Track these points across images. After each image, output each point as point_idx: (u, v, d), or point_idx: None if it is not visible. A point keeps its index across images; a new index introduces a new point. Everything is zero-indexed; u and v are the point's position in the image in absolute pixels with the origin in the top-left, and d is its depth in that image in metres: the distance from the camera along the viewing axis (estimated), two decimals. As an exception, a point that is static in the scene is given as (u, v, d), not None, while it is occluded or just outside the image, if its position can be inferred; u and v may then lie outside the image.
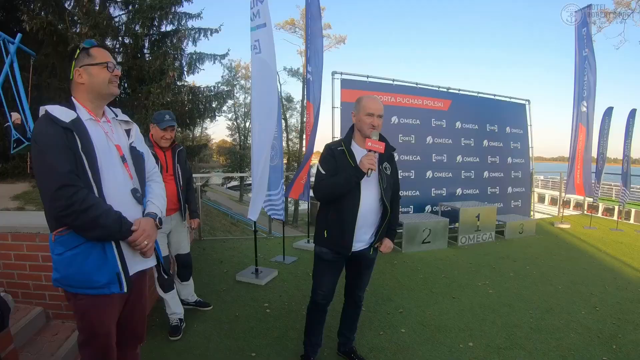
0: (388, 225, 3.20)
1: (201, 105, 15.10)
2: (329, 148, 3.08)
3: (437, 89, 9.15)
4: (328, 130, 7.74)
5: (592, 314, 4.88)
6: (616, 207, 20.93)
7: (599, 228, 10.47)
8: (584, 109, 10.23)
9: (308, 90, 7.10)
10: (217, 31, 14.80)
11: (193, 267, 4.43)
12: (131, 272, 2.13)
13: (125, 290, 2.08)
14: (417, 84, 8.85)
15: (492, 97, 10.15)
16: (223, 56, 15.43)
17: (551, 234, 9.55)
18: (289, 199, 6.12)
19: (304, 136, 7.12)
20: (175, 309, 3.97)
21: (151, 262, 2.32)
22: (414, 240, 7.38)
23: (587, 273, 6.47)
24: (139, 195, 2.21)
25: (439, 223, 7.69)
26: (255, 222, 5.64)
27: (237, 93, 43.08)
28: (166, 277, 3.62)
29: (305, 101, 7.23)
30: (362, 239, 3.12)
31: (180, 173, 4.01)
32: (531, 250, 7.80)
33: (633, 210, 19.91)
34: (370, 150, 2.87)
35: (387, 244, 3.23)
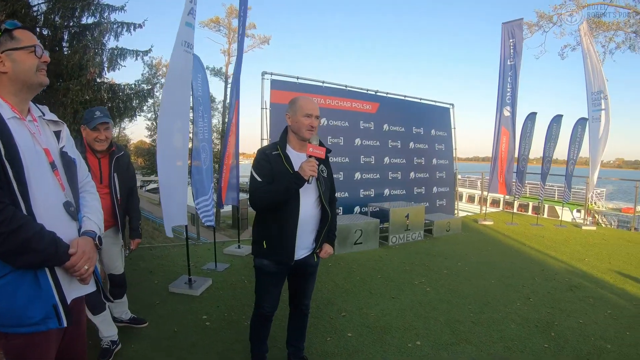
0: (328, 229, 3.11)
1: (121, 104, 14.25)
2: (263, 153, 2.91)
3: (365, 91, 9.27)
4: (252, 132, 7.52)
5: (526, 304, 5.12)
6: (530, 204, 22.49)
7: (520, 224, 11.11)
8: (507, 113, 10.87)
9: (236, 89, 6.86)
10: (140, 26, 14.08)
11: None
12: (69, 300, 1.80)
13: (65, 324, 1.75)
14: (346, 86, 8.91)
15: (418, 100, 10.48)
16: (146, 52, 14.75)
17: (476, 230, 9.98)
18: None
19: (228, 137, 6.85)
20: (106, 332, 3.52)
21: (90, 288, 1.97)
22: (347, 241, 7.38)
23: (515, 266, 6.80)
24: (73, 210, 1.86)
25: (369, 224, 7.74)
26: (186, 228, 5.40)
27: (157, 92, 41.62)
28: (106, 302, 3.26)
29: (231, 100, 6.89)
30: (304, 246, 3.00)
31: (117, 184, 3.50)
32: (460, 247, 8.08)
33: (546, 206, 21.35)
34: (310, 156, 2.77)
35: (327, 250, 3.16)
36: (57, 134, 1.96)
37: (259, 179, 2.82)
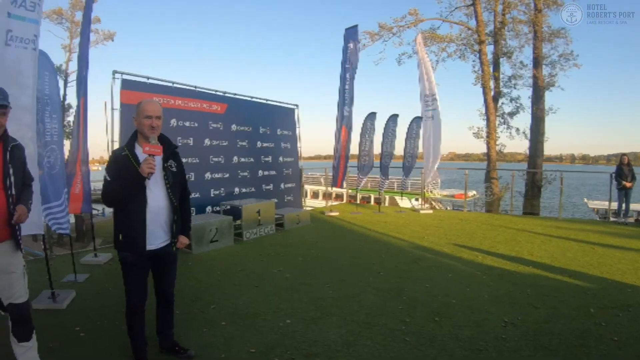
0: (181, 221, 3.42)
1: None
2: (113, 155, 3.21)
3: (214, 92, 9.38)
4: (92, 135, 6.99)
5: (378, 278, 5.86)
6: (372, 196, 24.30)
7: (364, 213, 12.22)
8: (347, 113, 11.71)
9: (82, 88, 6.49)
10: None
11: None
12: None
13: None
14: (195, 87, 8.92)
15: (265, 101, 10.89)
16: None
17: (325, 221, 10.77)
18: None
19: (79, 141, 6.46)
20: None
21: None
22: (203, 240, 7.47)
23: (364, 248, 7.60)
24: None
25: (223, 222, 7.92)
26: (44, 238, 5.08)
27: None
28: (8, 308, 2.87)
29: (80, 100, 6.44)
30: (157, 236, 3.25)
31: (13, 179, 2.83)
32: (311, 237, 8.69)
33: (387, 197, 23.29)
34: (149, 155, 3.05)
35: (182, 240, 3.45)
36: None
37: (108, 178, 3.08)
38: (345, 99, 11.86)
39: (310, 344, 3.87)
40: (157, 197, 3.18)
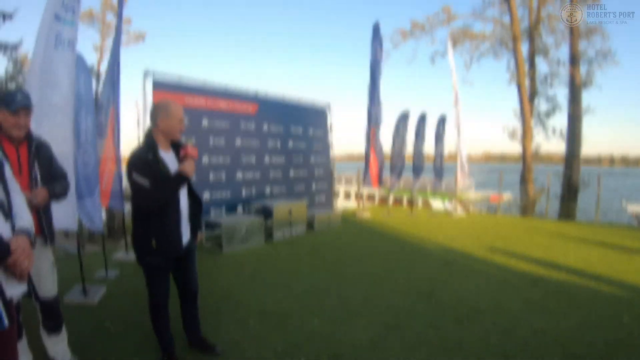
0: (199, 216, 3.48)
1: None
2: (139, 157, 3.02)
3: (245, 92, 9.42)
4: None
5: (408, 280, 5.77)
6: (405, 197, 24.10)
7: (395, 214, 12.12)
8: (374, 113, 11.61)
9: (115, 88, 6.60)
10: (10, 17, 12.74)
11: None
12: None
13: (6, 324, 1.68)
14: (227, 87, 8.98)
15: (297, 101, 10.87)
16: (15, 47, 13.39)
17: (356, 222, 10.73)
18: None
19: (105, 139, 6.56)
20: None
21: (23, 287, 1.87)
22: (233, 239, 7.51)
23: (394, 250, 7.54)
24: (6, 209, 1.81)
25: (254, 221, 7.96)
26: (78, 234, 5.18)
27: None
28: (38, 302, 3.01)
29: (104, 99, 6.57)
30: (186, 232, 3.29)
31: (38, 177, 2.95)
32: (342, 238, 8.67)
33: (420, 198, 23.05)
34: (185, 155, 3.09)
35: (200, 235, 3.57)
36: None
37: (146, 183, 2.94)
38: (373, 99, 11.70)
39: (337, 344, 3.84)
40: (183, 196, 3.21)
